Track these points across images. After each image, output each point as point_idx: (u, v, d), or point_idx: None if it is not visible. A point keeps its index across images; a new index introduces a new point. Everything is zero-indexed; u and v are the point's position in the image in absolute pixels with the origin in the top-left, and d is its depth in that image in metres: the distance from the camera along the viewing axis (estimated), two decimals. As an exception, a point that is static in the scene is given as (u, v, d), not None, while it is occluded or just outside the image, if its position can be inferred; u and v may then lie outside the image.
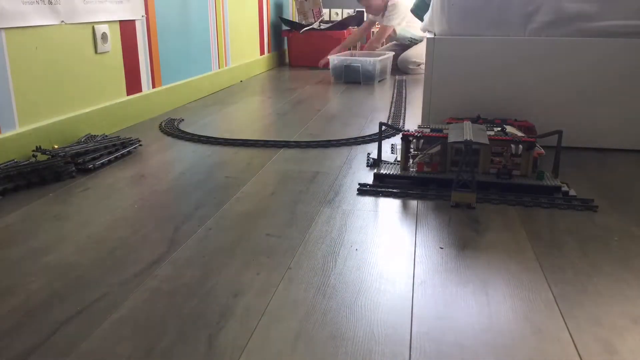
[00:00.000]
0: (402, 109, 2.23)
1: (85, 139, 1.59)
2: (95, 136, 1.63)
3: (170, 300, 0.79)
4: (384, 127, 1.58)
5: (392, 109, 2.23)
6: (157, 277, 0.86)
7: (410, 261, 0.91)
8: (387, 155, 1.53)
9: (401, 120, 2.01)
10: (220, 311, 0.76)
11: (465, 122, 1.33)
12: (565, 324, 0.73)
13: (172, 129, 1.85)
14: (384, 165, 1.35)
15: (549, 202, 1.16)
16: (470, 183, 1.14)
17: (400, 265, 0.89)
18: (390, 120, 2.02)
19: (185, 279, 0.85)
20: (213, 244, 0.98)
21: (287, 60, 3.92)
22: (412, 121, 1.98)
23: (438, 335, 0.70)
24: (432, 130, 1.33)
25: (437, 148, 1.28)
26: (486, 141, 1.18)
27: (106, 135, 1.67)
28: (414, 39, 3.35)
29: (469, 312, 0.76)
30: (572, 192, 1.21)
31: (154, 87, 2.13)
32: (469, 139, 1.14)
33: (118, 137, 1.61)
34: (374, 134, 1.76)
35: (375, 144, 1.64)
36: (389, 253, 0.94)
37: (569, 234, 1.01)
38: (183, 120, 2.01)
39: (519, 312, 0.75)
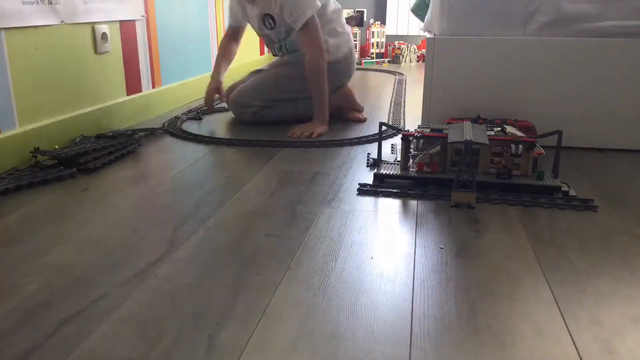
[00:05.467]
0: (402, 109, 2.23)
1: (80, 139, 1.59)
2: (89, 137, 1.62)
3: (170, 300, 0.79)
4: (384, 127, 1.58)
5: (392, 109, 2.23)
6: (157, 277, 0.86)
7: (410, 261, 0.91)
8: (387, 155, 1.53)
9: (401, 120, 2.01)
10: (220, 311, 0.76)
11: (465, 122, 1.33)
12: (565, 324, 0.73)
13: (173, 128, 1.85)
14: (384, 165, 1.35)
15: (549, 202, 1.16)
16: (470, 183, 1.14)
17: (400, 265, 0.89)
18: (390, 120, 2.02)
19: (185, 279, 0.85)
20: (213, 244, 0.98)
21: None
22: (412, 121, 1.98)
23: (438, 335, 0.70)
24: (432, 130, 1.33)
25: (437, 148, 1.28)
26: (486, 141, 1.18)
27: (116, 131, 1.69)
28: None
29: (469, 312, 0.76)
30: (572, 192, 1.21)
31: (154, 87, 2.13)
32: (469, 139, 1.14)
33: (127, 130, 1.61)
34: (374, 134, 1.76)
35: (375, 144, 1.64)
36: (389, 253, 0.94)
37: (569, 234, 1.01)
38: (185, 120, 2.01)
39: (519, 312, 0.75)
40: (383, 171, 1.31)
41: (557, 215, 1.11)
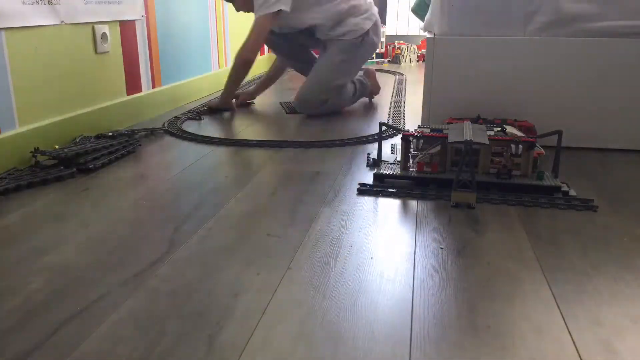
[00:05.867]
0: (402, 109, 2.23)
1: (80, 139, 1.59)
2: (89, 137, 1.62)
3: (170, 300, 0.79)
4: (384, 127, 1.58)
5: (392, 109, 2.23)
6: (157, 277, 0.86)
7: (410, 261, 0.91)
8: (387, 155, 1.53)
9: (401, 120, 2.01)
10: (220, 311, 0.76)
11: (465, 122, 1.33)
12: (565, 324, 0.73)
13: (173, 128, 1.85)
14: (384, 165, 1.35)
15: (549, 202, 1.16)
16: (470, 183, 1.14)
17: (400, 265, 0.89)
18: (390, 120, 2.02)
19: (185, 279, 0.85)
20: (213, 244, 0.98)
21: (287, 60, 3.91)
22: (412, 121, 1.98)
23: (438, 335, 0.70)
24: (432, 130, 1.33)
25: (437, 148, 1.28)
26: (486, 141, 1.18)
27: (116, 131, 1.68)
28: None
29: (469, 312, 0.76)
30: (572, 192, 1.21)
31: (154, 87, 2.13)
32: (469, 139, 1.14)
33: (127, 130, 1.61)
34: (374, 134, 1.76)
35: (375, 144, 1.64)
36: (389, 253, 0.94)
37: (569, 234, 1.01)
38: (184, 121, 2.01)
39: (519, 312, 0.75)
40: (383, 171, 1.31)
41: (557, 215, 1.11)
